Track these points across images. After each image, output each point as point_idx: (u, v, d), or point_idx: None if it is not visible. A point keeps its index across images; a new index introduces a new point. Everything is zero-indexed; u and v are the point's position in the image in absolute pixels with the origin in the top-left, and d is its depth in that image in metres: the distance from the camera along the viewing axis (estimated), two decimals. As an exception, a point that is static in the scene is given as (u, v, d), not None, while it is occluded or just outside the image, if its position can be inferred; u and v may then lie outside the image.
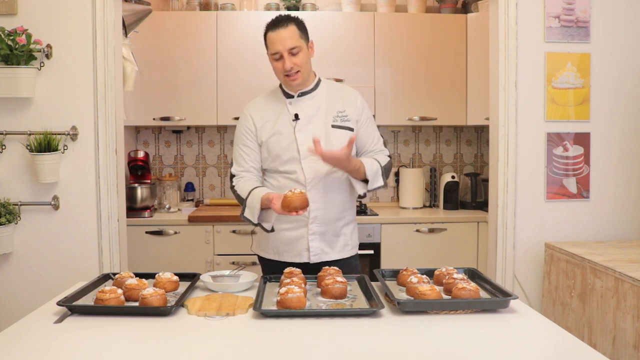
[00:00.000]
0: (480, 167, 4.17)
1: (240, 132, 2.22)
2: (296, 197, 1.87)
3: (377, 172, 2.15)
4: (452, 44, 3.73)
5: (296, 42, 2.08)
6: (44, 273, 2.64)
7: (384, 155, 2.26)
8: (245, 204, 2.09)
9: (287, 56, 2.07)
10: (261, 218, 2.07)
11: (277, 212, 1.94)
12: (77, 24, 2.60)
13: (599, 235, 2.83)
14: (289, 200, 1.87)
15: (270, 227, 2.10)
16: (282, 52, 2.07)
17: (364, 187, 2.15)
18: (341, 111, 2.18)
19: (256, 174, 2.21)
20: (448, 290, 1.76)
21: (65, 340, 1.47)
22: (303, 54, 2.10)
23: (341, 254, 2.22)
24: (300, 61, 2.09)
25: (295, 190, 1.89)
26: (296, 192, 1.88)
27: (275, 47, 2.08)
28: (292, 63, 2.07)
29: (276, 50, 2.08)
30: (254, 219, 2.07)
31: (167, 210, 3.69)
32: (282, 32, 2.07)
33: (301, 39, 2.10)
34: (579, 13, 2.76)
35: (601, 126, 2.81)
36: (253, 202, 2.05)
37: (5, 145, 2.59)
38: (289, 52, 2.07)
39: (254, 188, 2.09)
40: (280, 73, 2.12)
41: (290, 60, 2.07)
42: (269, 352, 1.40)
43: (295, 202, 1.87)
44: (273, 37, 2.09)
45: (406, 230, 3.55)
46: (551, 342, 1.48)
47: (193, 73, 3.65)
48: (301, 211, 1.88)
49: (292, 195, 1.87)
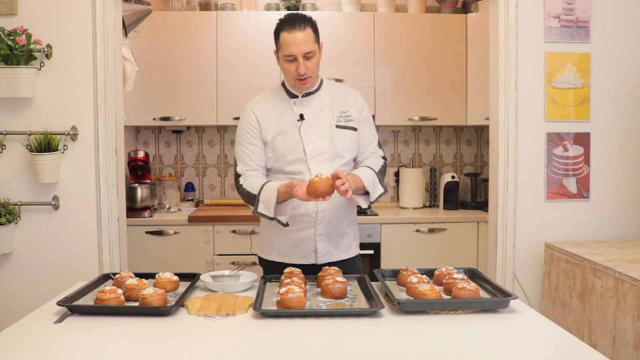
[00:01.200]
0: (480, 167, 4.17)
1: (244, 129, 2.16)
2: (323, 182, 1.82)
3: (375, 181, 2.11)
4: (452, 44, 3.73)
5: (312, 47, 2.03)
6: (44, 273, 2.64)
7: (378, 157, 2.22)
8: (258, 200, 2.03)
9: (301, 60, 2.02)
10: (277, 212, 2.01)
11: (301, 198, 1.88)
12: (77, 24, 2.60)
13: (599, 235, 2.83)
14: (316, 185, 1.82)
15: (285, 221, 2.05)
16: (297, 55, 2.01)
17: (366, 200, 2.10)
18: (344, 111, 2.17)
19: (262, 172, 2.16)
20: (448, 290, 1.76)
21: (65, 340, 1.47)
22: (316, 58, 2.07)
23: (345, 254, 2.21)
24: (314, 66, 2.06)
25: (321, 175, 1.85)
26: (323, 177, 1.83)
27: (291, 50, 2.01)
28: (306, 68, 2.03)
29: (291, 53, 2.02)
30: (270, 213, 2.00)
31: (167, 210, 3.69)
32: (299, 35, 2.00)
33: (315, 43, 2.06)
34: (579, 13, 2.76)
35: (601, 126, 2.81)
36: (268, 196, 1.99)
37: (5, 145, 2.59)
38: (304, 57, 2.02)
39: (266, 182, 2.05)
40: (292, 76, 2.07)
41: (304, 65, 2.02)
42: (269, 352, 1.40)
43: (322, 187, 1.82)
44: (289, 39, 2.01)
45: (406, 230, 3.55)
46: (551, 342, 1.48)
47: (193, 73, 3.65)
48: (328, 197, 1.84)
49: (320, 181, 1.82)
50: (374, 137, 2.25)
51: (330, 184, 1.84)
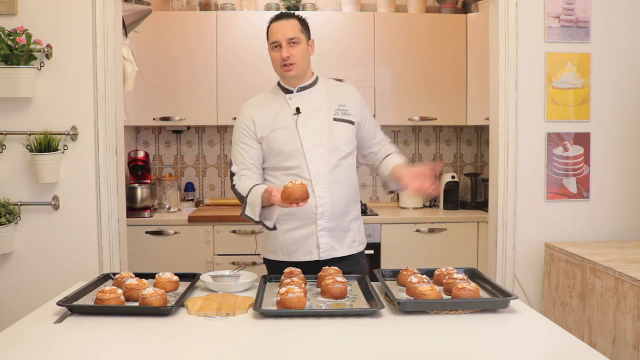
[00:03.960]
0: (480, 167, 4.17)
1: (239, 130, 2.21)
2: (296, 188, 1.85)
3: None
4: (452, 44, 3.73)
5: (296, 34, 2.11)
6: (44, 273, 2.64)
7: (390, 144, 2.38)
8: (245, 202, 2.07)
9: (285, 46, 2.10)
10: (263, 216, 2.04)
11: (277, 204, 1.92)
12: (77, 24, 2.60)
13: (599, 235, 2.83)
14: (290, 191, 1.85)
15: (272, 225, 2.08)
16: (281, 41, 2.10)
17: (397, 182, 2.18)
18: (342, 105, 2.20)
19: (257, 171, 2.19)
20: (448, 290, 1.76)
21: (65, 340, 1.47)
22: (301, 47, 2.13)
23: (349, 250, 2.21)
24: (298, 54, 2.11)
25: (295, 181, 1.87)
26: (296, 183, 1.86)
27: (275, 37, 2.11)
28: (289, 53, 2.10)
29: (275, 39, 2.11)
30: (255, 216, 2.04)
31: (167, 210, 3.69)
32: (284, 24, 2.11)
33: (301, 33, 2.13)
34: (579, 13, 2.76)
35: (601, 126, 2.81)
36: (253, 200, 2.03)
37: (5, 145, 2.59)
38: (288, 43, 2.10)
39: (254, 185, 2.07)
40: (277, 63, 2.14)
41: (287, 50, 2.10)
42: (269, 352, 1.40)
43: (295, 193, 1.84)
44: (274, 27, 2.13)
45: (406, 230, 3.55)
46: (551, 342, 1.48)
47: (193, 73, 3.65)
48: (302, 203, 1.86)
49: (293, 187, 1.85)
50: (378, 128, 2.37)
51: (304, 190, 1.86)
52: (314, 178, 2.10)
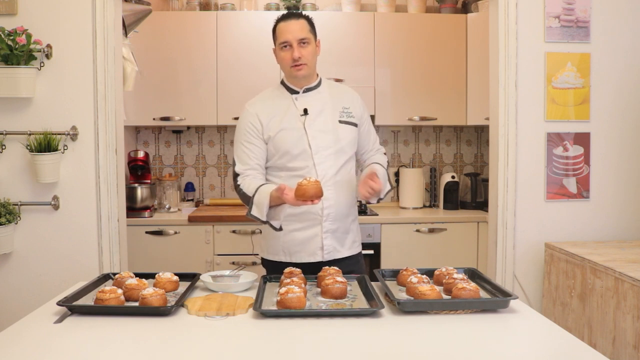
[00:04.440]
0: (480, 167, 4.17)
1: (244, 129, 2.17)
2: (311, 185, 1.82)
3: (385, 178, 2.20)
4: (452, 44, 3.73)
5: (306, 34, 2.11)
6: (44, 273, 2.64)
7: (382, 155, 2.33)
8: (252, 202, 2.04)
9: (296, 46, 2.09)
10: (270, 216, 2.02)
11: (290, 202, 1.89)
12: (77, 24, 2.60)
13: (599, 235, 2.83)
14: (305, 188, 1.82)
15: (279, 225, 2.06)
16: (291, 41, 2.09)
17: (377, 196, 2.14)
18: (346, 107, 2.21)
19: (261, 171, 2.17)
20: (448, 290, 1.76)
21: (65, 340, 1.47)
22: (311, 47, 2.13)
23: (350, 250, 2.23)
24: (308, 54, 2.11)
25: (310, 178, 1.86)
26: (311, 180, 1.84)
27: (285, 37, 2.09)
28: (300, 53, 2.09)
29: (285, 39, 2.10)
30: (262, 216, 2.01)
31: (167, 210, 3.69)
32: (294, 24, 2.10)
33: (310, 33, 2.13)
34: (579, 13, 2.76)
35: (601, 126, 2.81)
36: (261, 199, 2.00)
37: (5, 145, 2.59)
38: (299, 43, 2.09)
39: (261, 185, 2.05)
40: (287, 63, 2.11)
41: (299, 51, 2.09)
42: (269, 352, 1.40)
43: (310, 190, 1.82)
44: (283, 27, 2.11)
45: (406, 230, 3.55)
46: (551, 342, 1.48)
47: (193, 73, 3.65)
48: (316, 200, 1.85)
49: (308, 184, 1.83)
50: (375, 135, 2.35)
51: (319, 187, 1.85)
52: (321, 180, 2.07)
